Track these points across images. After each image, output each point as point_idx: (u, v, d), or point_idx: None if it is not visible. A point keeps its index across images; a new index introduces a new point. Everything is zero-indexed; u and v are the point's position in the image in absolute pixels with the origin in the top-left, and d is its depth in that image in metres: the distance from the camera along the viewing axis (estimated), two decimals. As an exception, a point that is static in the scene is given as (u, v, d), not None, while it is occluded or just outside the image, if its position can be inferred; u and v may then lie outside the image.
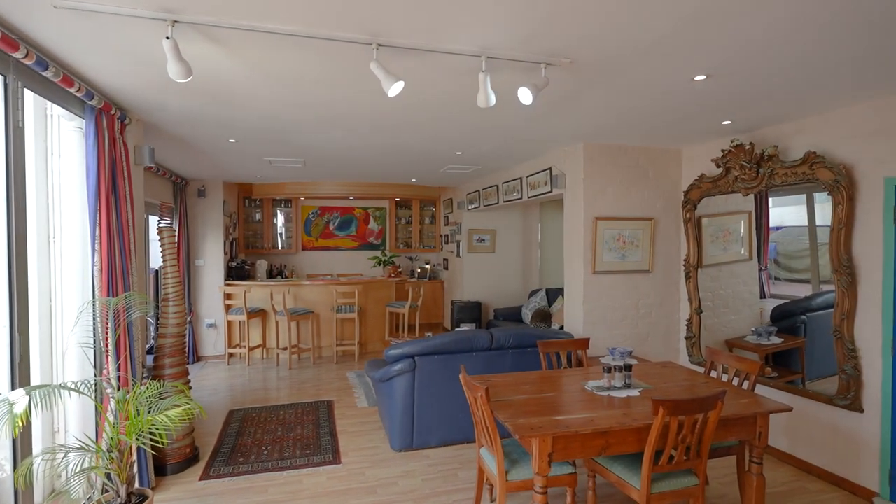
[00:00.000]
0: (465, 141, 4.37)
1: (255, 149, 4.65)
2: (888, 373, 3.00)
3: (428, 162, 5.58)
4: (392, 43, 2.14)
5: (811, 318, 4.14)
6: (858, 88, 2.85)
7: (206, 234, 6.70)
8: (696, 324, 4.54)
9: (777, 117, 3.50)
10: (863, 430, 3.13)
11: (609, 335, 4.51)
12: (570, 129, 3.91)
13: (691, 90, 2.87)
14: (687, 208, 4.52)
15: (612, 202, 4.48)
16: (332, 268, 8.90)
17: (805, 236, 3.99)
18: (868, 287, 3.11)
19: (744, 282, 4.83)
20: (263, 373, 6.11)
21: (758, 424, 2.53)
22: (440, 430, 3.82)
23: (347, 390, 5.36)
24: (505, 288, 7.98)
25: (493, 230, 7.87)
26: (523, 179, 5.52)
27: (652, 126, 3.79)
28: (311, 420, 4.43)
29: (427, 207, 9.26)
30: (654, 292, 4.65)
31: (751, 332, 4.59)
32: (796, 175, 3.46)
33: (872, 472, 3.08)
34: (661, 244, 4.66)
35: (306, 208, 8.75)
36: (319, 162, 5.47)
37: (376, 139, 4.28)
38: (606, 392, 2.75)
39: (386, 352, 3.80)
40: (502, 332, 3.96)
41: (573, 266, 4.56)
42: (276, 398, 5.10)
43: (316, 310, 6.85)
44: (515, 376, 3.08)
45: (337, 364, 6.50)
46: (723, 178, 4.09)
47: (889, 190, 2.99)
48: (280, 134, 4.04)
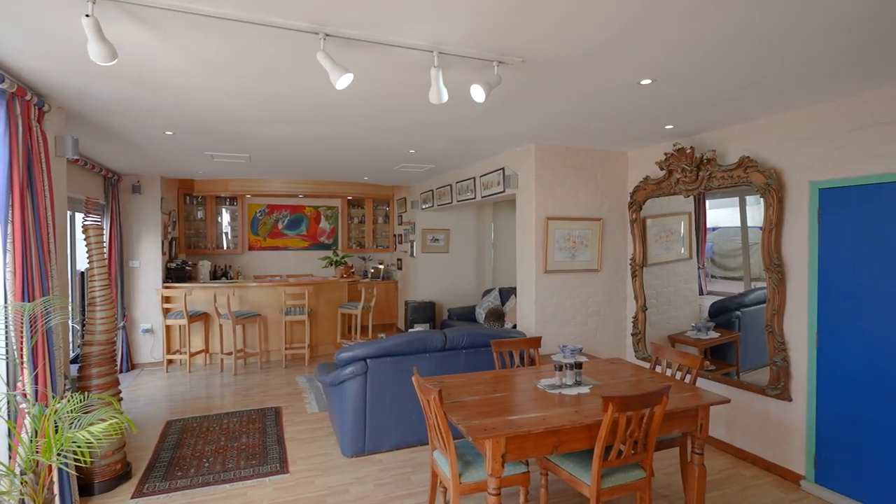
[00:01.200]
0: (419, 139, 4.31)
1: (194, 142, 4.38)
2: (813, 364, 3.22)
3: (381, 160, 5.48)
4: (340, 33, 2.05)
5: (745, 314, 4.41)
6: (785, 98, 3.03)
7: (142, 233, 6.27)
8: (642, 320, 4.70)
9: (715, 123, 3.68)
10: (791, 417, 3.35)
11: (560, 333, 4.59)
12: (522, 129, 3.94)
13: (638, 93, 2.96)
14: (633, 209, 4.68)
15: (562, 203, 4.57)
16: (282, 268, 8.59)
17: (738, 237, 4.24)
18: (796, 284, 3.33)
19: (684, 280, 5.06)
20: (206, 380, 5.79)
21: (699, 417, 2.64)
22: (393, 433, 3.74)
23: (297, 395, 5.17)
24: (459, 288, 7.99)
25: (447, 230, 7.86)
26: (477, 179, 5.53)
27: (600, 128, 3.88)
28: (257, 428, 4.23)
29: (380, 207, 9.12)
30: (602, 290, 4.79)
31: (691, 327, 4.83)
32: (732, 178, 3.65)
33: (800, 457, 3.30)
34: (608, 244, 4.80)
35: (253, 206, 8.39)
36: (266, 158, 5.23)
37: (326, 135, 4.14)
38: (558, 390, 2.78)
39: (337, 355, 3.68)
40: (456, 332, 3.94)
41: (525, 265, 4.61)
42: (219, 406, 4.83)
43: (263, 312, 6.57)
44: (469, 377, 3.06)
45: (286, 368, 6.26)
46: (666, 181, 4.26)
47: (814, 193, 3.21)
48: (222, 126, 3.83)
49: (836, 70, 2.54)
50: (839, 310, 3.09)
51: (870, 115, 2.90)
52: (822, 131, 3.15)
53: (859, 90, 2.87)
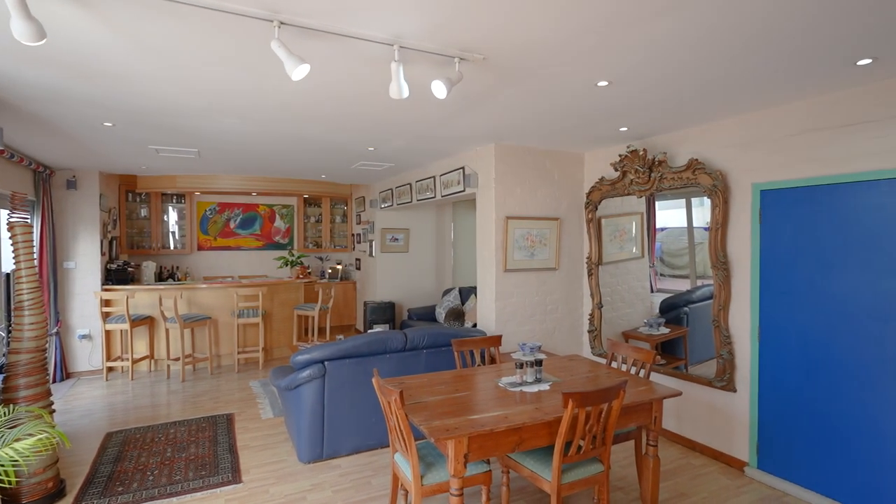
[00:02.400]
0: (378, 136, 4.24)
1: (137, 135, 4.12)
2: (755, 356, 3.41)
3: (338, 157, 5.35)
4: (296, 22, 1.96)
5: (692, 310, 4.63)
6: (730, 104, 3.19)
7: (78, 232, 5.84)
8: (598, 317, 4.83)
9: (666, 126, 3.82)
10: (736, 407, 3.52)
11: (520, 331, 4.64)
12: (482, 129, 3.94)
13: (595, 95, 3.02)
14: (589, 209, 4.80)
15: (521, 202, 4.62)
16: (234, 269, 8.25)
17: (685, 236, 4.44)
18: (740, 281, 3.51)
19: (637, 278, 5.24)
20: (151, 387, 5.46)
21: (653, 410, 2.72)
22: (353, 436, 3.65)
23: (251, 401, 4.97)
24: (419, 287, 7.94)
25: (407, 229, 7.79)
26: (437, 178, 5.51)
27: (559, 129, 3.95)
28: (207, 437, 4.02)
29: (338, 205, 8.93)
30: (560, 289, 4.88)
31: (643, 323, 5.01)
32: (682, 179, 3.80)
33: (744, 445, 3.47)
34: (566, 243, 4.90)
35: (203, 204, 8.01)
36: (216, 153, 5.00)
37: (280, 130, 3.99)
38: (519, 388, 2.80)
39: (293, 358, 3.55)
40: (416, 332, 3.90)
41: (485, 264, 4.63)
42: (165, 415, 4.56)
43: (214, 315, 6.27)
44: (430, 377, 3.02)
45: (239, 373, 6.00)
46: (620, 181, 4.39)
47: (756, 194, 3.39)
48: (167, 119, 3.61)
49: (774, 77, 2.69)
50: (779, 304, 3.27)
51: (804, 121, 3.09)
52: (762, 136, 3.33)
53: (796, 98, 3.05)
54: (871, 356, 2.82)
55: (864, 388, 2.85)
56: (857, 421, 2.88)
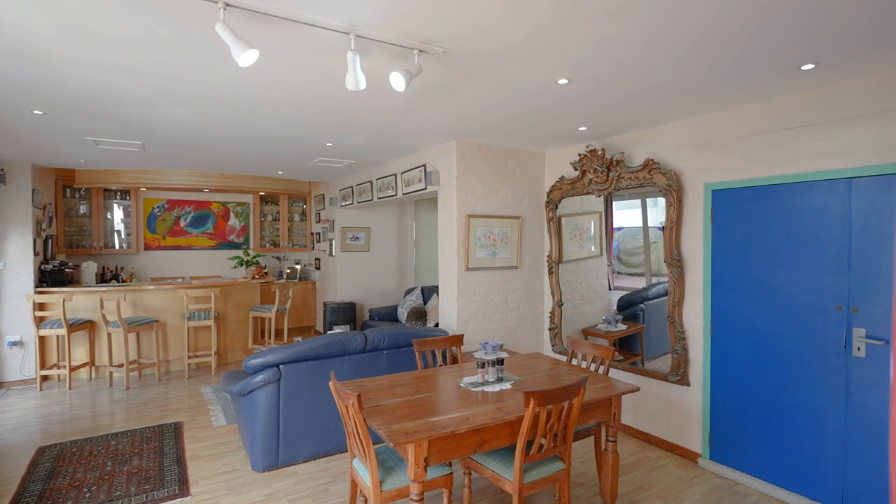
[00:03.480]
0: (336, 131, 4.11)
1: (73, 125, 3.82)
2: (708, 351, 3.52)
3: (295, 153, 5.17)
4: (243, 4, 1.84)
5: (648, 306, 4.77)
6: (684, 105, 3.27)
7: (8, 230, 5.39)
8: (558, 315, 4.88)
9: (624, 127, 3.89)
10: (689, 401, 3.63)
11: (482, 330, 4.62)
12: (443, 125, 3.89)
13: (554, 93, 3.03)
14: (549, 208, 4.84)
15: (483, 201, 4.60)
16: (185, 270, 7.86)
17: (640, 236, 4.57)
18: (693, 277, 3.61)
19: (595, 275, 5.33)
20: (91, 397, 5.10)
21: (612, 406, 2.75)
22: (310, 442, 3.52)
23: (202, 408, 4.72)
24: (380, 287, 7.82)
25: (368, 228, 7.65)
26: (398, 176, 5.42)
27: (520, 128, 3.95)
28: (152, 448, 3.78)
29: (297, 203, 8.67)
30: (521, 287, 4.89)
31: (602, 320, 5.10)
32: (638, 179, 3.88)
33: (697, 437, 3.58)
34: (527, 242, 4.92)
35: (150, 201, 7.58)
36: (162, 146, 4.72)
37: (232, 123, 3.80)
38: (481, 387, 2.76)
39: (245, 362, 3.39)
40: (377, 332, 3.80)
41: (447, 263, 4.58)
42: (107, 426, 4.27)
43: (162, 318, 5.94)
44: (390, 378, 2.94)
45: (189, 379, 5.71)
46: (579, 181, 4.45)
47: (707, 194, 3.50)
48: (106, 108, 3.36)
49: (724, 80, 2.78)
50: (729, 300, 3.39)
51: (753, 124, 3.21)
52: (714, 138, 3.44)
53: (745, 101, 3.16)
54: (814, 349, 2.96)
55: (806, 380, 2.99)
56: (801, 411, 3.02)
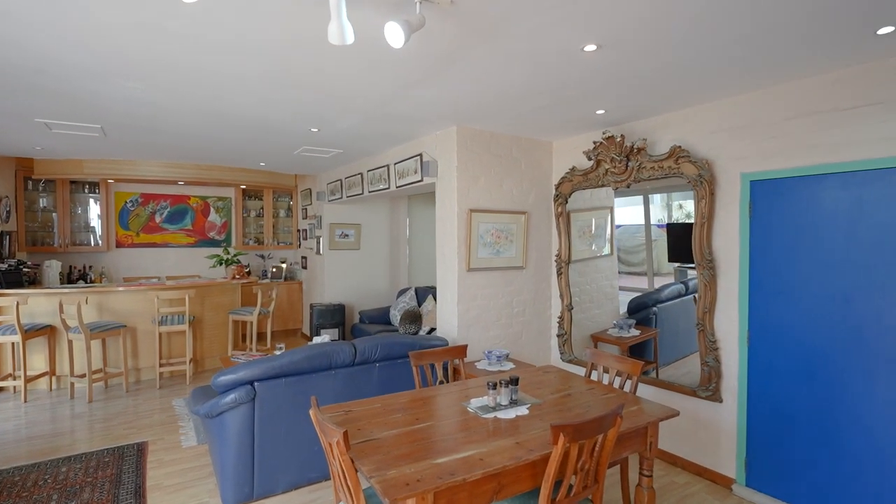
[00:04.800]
0: (321, 113, 3.63)
1: (15, 103, 3.29)
2: (744, 363, 3.10)
3: (277, 141, 4.67)
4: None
5: (661, 309, 4.40)
6: (721, 83, 2.84)
7: (-46, 225, 4.83)
8: (568, 320, 4.45)
9: (647, 110, 3.46)
10: (722, 419, 3.21)
11: (484, 337, 4.18)
12: (443, 106, 3.43)
13: (579, 63, 2.58)
14: (558, 202, 4.40)
15: (486, 194, 4.14)
16: (161, 269, 7.32)
17: (640, 233, 4.27)
18: (726, 280, 3.19)
19: (606, 276, 4.92)
20: (49, 411, 4.57)
21: (648, 434, 2.32)
22: (290, 470, 3.05)
23: (171, 425, 4.22)
24: (371, 288, 7.34)
25: (358, 224, 7.16)
26: (391, 167, 4.94)
27: (530, 110, 3.50)
28: (108, 475, 3.29)
29: (282, 199, 8.15)
30: (527, 289, 4.45)
31: (613, 325, 4.69)
32: (662, 169, 3.45)
33: (730, 460, 3.17)
34: (533, 239, 4.48)
35: (122, 195, 7.02)
36: (125, 131, 4.19)
37: (197, 102, 3.30)
38: (492, 413, 2.31)
39: (214, 379, 2.90)
40: (367, 343, 3.34)
41: (446, 263, 4.12)
42: (61, 447, 3.75)
43: (131, 322, 5.41)
44: (384, 401, 2.48)
45: (161, 390, 5.19)
46: (593, 172, 4.01)
47: (745, 185, 3.08)
48: (50, 81, 2.85)
49: (782, 48, 2.35)
50: (770, 306, 2.98)
51: (805, 103, 2.79)
52: (755, 120, 3.01)
53: (798, 75, 2.74)
54: (875, 363, 2.55)
55: (866, 398, 2.58)
56: (858, 433, 2.61)
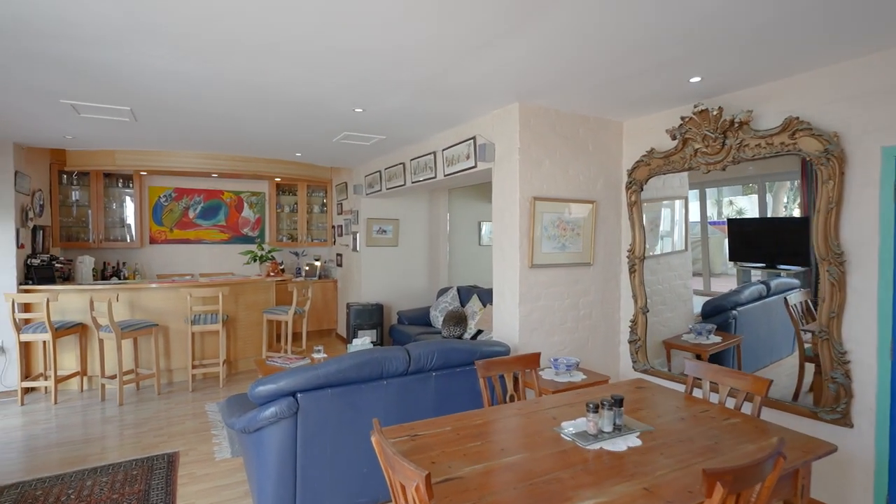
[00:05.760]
0: (368, 88, 3.22)
1: (36, 78, 2.98)
2: (886, 380, 2.52)
3: (317, 126, 4.29)
4: None
5: (742, 313, 3.92)
6: (860, 33, 2.28)
7: (-15, 218, 4.65)
8: (642, 325, 3.92)
9: (749, 77, 2.91)
10: (854, 448, 2.63)
11: (547, 343, 3.68)
12: (505, 78, 2.97)
13: (680, 9, 2.07)
14: (631, 190, 3.87)
15: (550, 180, 3.65)
16: (194, 266, 7.10)
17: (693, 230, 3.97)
18: (860, 279, 2.61)
19: (679, 275, 4.39)
20: (79, 414, 4.33)
21: (800, 477, 1.80)
22: (337, 494, 2.64)
23: (204, 432, 3.90)
24: (410, 287, 6.93)
25: (396, 220, 6.77)
26: (438, 154, 4.51)
27: (610, 80, 2.99)
28: (135, 491, 2.95)
29: (316, 193, 7.84)
30: (594, 289, 3.94)
31: (688, 330, 4.17)
32: (772, 146, 2.89)
33: (865, 498, 2.59)
34: (601, 232, 3.97)
35: (156, 190, 6.82)
36: (155, 113, 3.87)
37: (233, 72, 2.91)
38: (596, 443, 1.83)
39: (251, 389, 2.52)
40: (423, 348, 2.90)
41: (506, 258, 3.65)
42: (88, 456, 3.47)
43: (163, 321, 5.15)
44: (455, 422, 2.04)
45: (194, 393, 4.90)
46: (678, 153, 3.47)
47: (889, 162, 2.50)
48: (66, 44, 2.51)
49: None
50: (926, 311, 2.40)
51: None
52: (903, 81, 2.44)
53: (970, 21, 2.16)
54: None
55: None
56: None
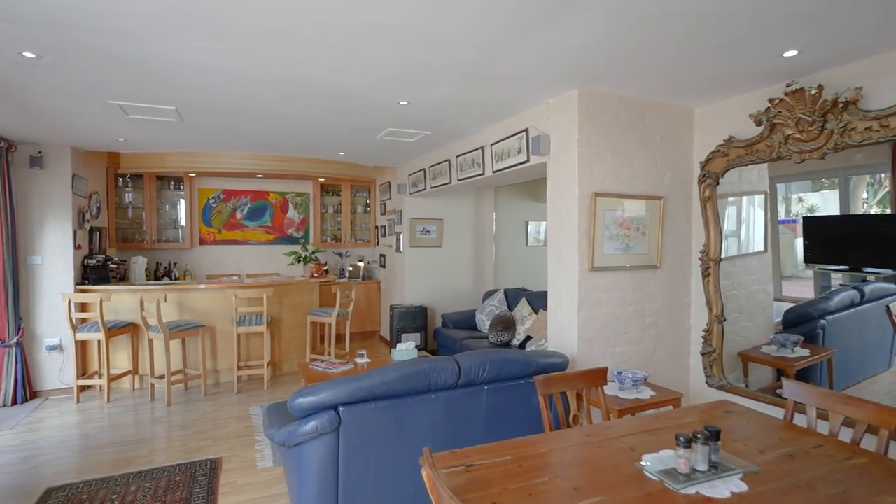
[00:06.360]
0: (415, 77, 3.00)
1: (83, 77, 2.95)
2: None
3: (360, 121, 4.13)
4: None
5: (832, 322, 3.49)
6: None
7: (46, 219, 4.79)
8: (718, 335, 3.50)
9: (860, 49, 2.47)
10: None
11: (608, 353, 3.35)
12: (561, 60, 2.67)
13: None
14: (705, 183, 3.47)
15: (613, 174, 3.31)
16: (241, 266, 7.16)
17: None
18: None
19: (757, 280, 3.96)
20: (130, 413, 4.37)
21: (963, 539, 1.41)
22: (381, 517, 2.43)
23: (247, 437, 3.81)
24: (454, 289, 6.70)
25: (441, 219, 6.56)
26: (486, 149, 4.24)
27: (677, 57, 2.63)
28: (177, 500, 2.87)
29: (360, 193, 7.75)
30: (661, 294, 3.56)
31: (768, 341, 3.73)
32: (887, 129, 2.45)
33: None
34: (669, 231, 3.58)
35: (205, 191, 6.93)
36: (200, 112, 3.81)
37: (274, 66, 2.78)
38: (689, 485, 1.52)
39: (291, 401, 2.35)
40: (474, 359, 2.65)
41: (563, 260, 3.34)
42: (135, 458, 3.44)
43: (210, 322, 5.15)
44: (515, 450, 1.77)
45: (239, 394, 4.87)
46: (764, 140, 3.05)
47: None
48: (107, 40, 2.43)
49: None
50: None
51: None
52: None
53: None
54: None
55: None
56: None
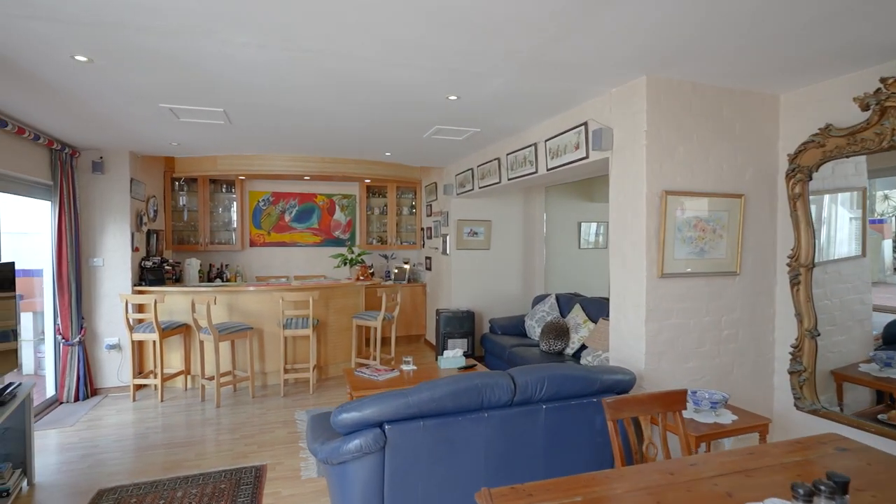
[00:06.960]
0: (465, 68, 2.79)
1: (132, 80, 2.95)
2: None
3: (407, 118, 3.97)
4: None
5: None
6: None
7: (106, 223, 4.96)
8: (810, 351, 3.07)
9: None
10: None
11: (680, 369, 3.00)
12: (627, 42, 2.37)
13: None
14: (794, 179, 3.05)
15: (685, 170, 2.97)
16: (289, 268, 7.22)
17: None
18: None
19: (854, 289, 3.49)
20: (181, 414, 4.42)
21: None
22: (428, 545, 2.24)
23: (293, 444, 3.73)
24: (503, 293, 6.44)
25: (488, 221, 6.32)
26: (540, 145, 3.98)
27: (765, 36, 2.28)
28: (221, 511, 2.80)
29: (405, 195, 7.65)
30: (741, 304, 3.17)
31: (867, 358, 3.27)
32: None
33: None
34: (750, 234, 3.18)
35: (255, 194, 7.03)
36: (247, 113, 3.77)
37: (318, 60, 2.66)
38: (815, 554, 1.21)
39: (334, 416, 2.20)
40: (531, 375, 2.40)
41: (627, 265, 3.03)
42: (184, 462, 3.43)
43: (258, 324, 5.17)
44: (585, 488, 1.52)
45: (285, 398, 4.84)
46: (871, 127, 2.61)
47: None
48: (152, 39, 2.38)
49: None
50: None
51: None
52: None
53: None
54: None
55: None
56: None
